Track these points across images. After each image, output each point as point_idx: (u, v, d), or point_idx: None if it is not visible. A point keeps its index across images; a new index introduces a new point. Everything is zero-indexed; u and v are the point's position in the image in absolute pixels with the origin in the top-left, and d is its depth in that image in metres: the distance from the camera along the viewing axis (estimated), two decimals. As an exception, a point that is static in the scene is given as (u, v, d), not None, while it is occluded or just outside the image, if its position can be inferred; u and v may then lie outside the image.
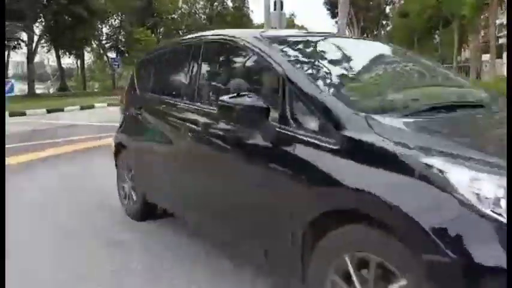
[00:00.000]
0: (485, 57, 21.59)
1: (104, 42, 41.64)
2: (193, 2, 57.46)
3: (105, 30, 41.96)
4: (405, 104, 2.05)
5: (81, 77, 42.89)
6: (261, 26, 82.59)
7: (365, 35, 52.14)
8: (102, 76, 52.62)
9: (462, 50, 33.48)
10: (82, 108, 17.52)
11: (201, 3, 59.03)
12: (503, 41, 41.41)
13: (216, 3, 58.18)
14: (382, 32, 56.88)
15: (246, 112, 2.07)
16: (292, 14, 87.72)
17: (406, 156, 1.53)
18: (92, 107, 18.04)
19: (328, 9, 40.40)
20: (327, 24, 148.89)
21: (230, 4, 60.92)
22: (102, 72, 52.04)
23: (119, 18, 41.79)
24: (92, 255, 3.04)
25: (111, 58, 35.34)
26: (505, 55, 29.60)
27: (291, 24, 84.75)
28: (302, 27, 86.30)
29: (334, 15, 38.81)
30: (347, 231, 1.69)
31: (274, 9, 16.68)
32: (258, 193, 2.16)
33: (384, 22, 53.42)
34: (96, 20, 33.79)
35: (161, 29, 48.95)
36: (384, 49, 3.23)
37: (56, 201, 4.34)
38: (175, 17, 53.17)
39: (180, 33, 53.82)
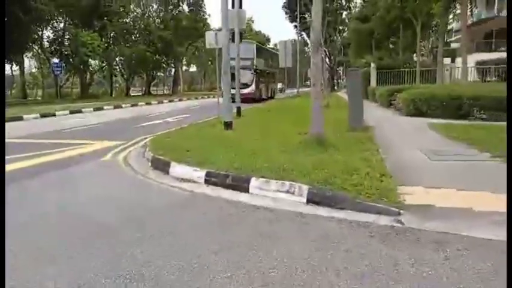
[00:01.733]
0: (445, 60, 21.29)
1: (46, 46, 38.46)
2: (146, 5, 55.04)
3: (47, 33, 38.84)
4: None
5: (21, 84, 39.37)
6: (219, 30, 79.48)
7: (324, 40, 51.99)
8: (47, 83, 48.84)
9: (421, 53, 33.64)
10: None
11: (155, 6, 56.86)
12: (454, 45, 42.49)
13: (171, 7, 56.26)
14: (339, 38, 57.17)
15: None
16: (250, 19, 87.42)
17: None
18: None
19: (286, 13, 39.67)
20: (286, 28, 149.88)
21: (186, 8, 59.16)
22: (46, 79, 48.31)
23: (63, 20, 38.81)
24: None
25: (53, 63, 32.40)
26: (459, 59, 29.72)
27: (248, 29, 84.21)
28: (259, 33, 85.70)
29: (293, 19, 38.07)
30: None
31: (232, 7, 15.37)
32: None
33: (341, 27, 53.58)
34: (35, 21, 30.91)
35: (111, 33, 46.20)
36: None
37: None
38: (127, 20, 50.63)
39: (133, 38, 51.60)
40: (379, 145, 7.39)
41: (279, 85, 56.64)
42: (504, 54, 28.24)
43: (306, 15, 32.14)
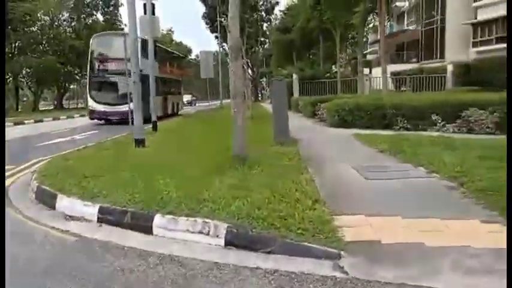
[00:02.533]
0: (364, 71, 21.85)
1: None
2: (56, 14, 50.87)
3: None
4: None
5: None
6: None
7: (245, 51, 52.04)
8: None
9: (340, 64, 34.76)
10: None
11: (66, 15, 52.81)
12: (370, 57, 44.86)
13: (83, 15, 52.64)
14: (261, 49, 57.77)
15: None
16: (170, 30, 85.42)
17: None
18: None
19: (207, 23, 38.87)
20: (209, 39, 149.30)
21: (100, 17, 55.79)
22: None
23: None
24: None
25: None
26: (375, 70, 31.13)
27: (169, 41, 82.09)
28: (180, 44, 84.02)
29: (214, 29, 37.38)
30: None
31: (145, 13, 14.09)
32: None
33: (262, 39, 54.14)
34: None
35: (16, 43, 41.92)
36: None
37: None
38: (34, 29, 46.32)
39: (41, 48, 47.23)
40: (308, 162, 6.67)
41: (187, 97, 50.61)
42: (415, 65, 30.11)
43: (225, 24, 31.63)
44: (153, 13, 13.72)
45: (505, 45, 25.60)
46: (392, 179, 5.23)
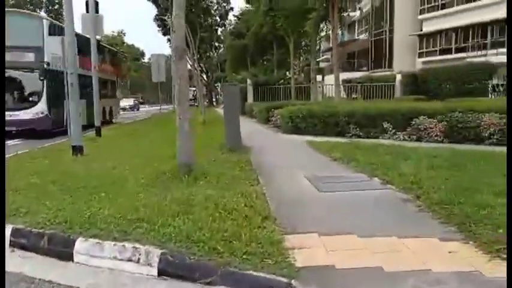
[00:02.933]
0: (317, 78, 22.00)
1: None
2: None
3: None
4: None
5: None
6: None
7: (199, 56, 51.29)
8: None
9: (294, 71, 34.96)
10: None
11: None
12: (323, 65, 45.71)
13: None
14: (215, 54, 57.23)
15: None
16: (121, 32, 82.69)
17: None
18: None
19: (159, 26, 37.73)
20: (160, 41, 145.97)
21: (44, 15, 52.78)
22: None
23: None
24: None
25: None
26: (327, 77, 31.62)
27: (120, 43, 79.37)
28: (132, 46, 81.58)
29: (166, 32, 36.34)
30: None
31: (87, 11, 13.21)
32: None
33: (217, 44, 53.65)
34: None
35: None
36: None
37: None
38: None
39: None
40: (260, 171, 6.29)
41: (129, 101, 46.94)
42: (365, 74, 30.90)
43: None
44: (97, 11, 12.89)
45: (447, 56, 26.89)
46: (347, 190, 4.94)
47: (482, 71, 17.33)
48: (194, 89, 32.47)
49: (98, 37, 13.80)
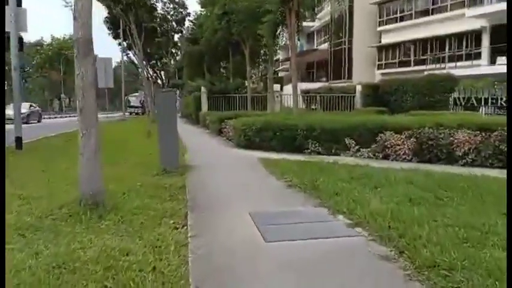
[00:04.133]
0: (276, 87, 20.86)
1: None
2: None
3: None
4: None
5: None
6: (34, 45, 68.55)
7: (153, 62, 49.18)
8: None
9: (252, 80, 33.78)
10: None
11: None
12: (282, 74, 44.98)
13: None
14: (172, 61, 55.23)
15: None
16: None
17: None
18: None
19: (109, 29, 35.40)
20: (111, 44, 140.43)
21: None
22: None
23: None
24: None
25: None
26: (286, 87, 30.74)
27: (70, 47, 75.44)
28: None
29: (117, 35, 34.15)
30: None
31: (7, 3, 11.30)
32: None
33: (174, 50, 51.75)
34: None
35: None
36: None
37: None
38: None
39: None
40: (194, 203, 4.85)
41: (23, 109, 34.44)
42: (325, 84, 30.27)
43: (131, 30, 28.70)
44: (19, 4, 11.03)
45: (406, 68, 26.73)
46: (302, 239, 3.59)
47: (444, 84, 16.83)
48: (138, 94, 29.89)
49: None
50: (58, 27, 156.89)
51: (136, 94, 59.39)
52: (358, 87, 21.19)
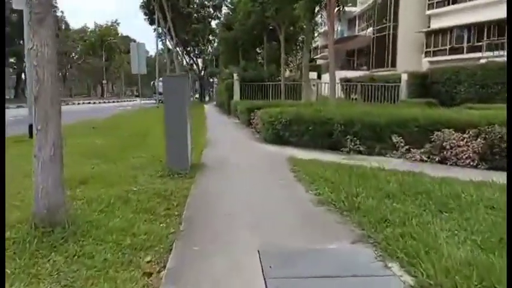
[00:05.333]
0: (312, 75, 19.29)
1: None
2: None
3: None
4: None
5: None
6: (79, 32, 70.47)
7: (189, 49, 48.46)
8: None
9: (289, 69, 32.25)
10: None
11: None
12: (320, 62, 42.97)
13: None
14: (209, 48, 54.29)
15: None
16: (115, 22, 79.52)
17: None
18: None
19: (145, 14, 34.85)
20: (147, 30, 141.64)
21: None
22: None
23: None
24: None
25: None
26: (324, 76, 28.98)
27: (114, 33, 76.35)
28: (126, 38, 78.47)
29: (152, 21, 33.52)
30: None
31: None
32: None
33: (211, 37, 50.73)
34: None
35: None
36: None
37: None
38: None
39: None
40: (187, 227, 3.61)
41: None
42: (366, 73, 28.25)
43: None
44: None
45: (457, 56, 24.25)
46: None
47: (505, 73, 14.66)
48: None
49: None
50: (101, 14, 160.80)
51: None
52: (404, 76, 19.20)
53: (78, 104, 41.36)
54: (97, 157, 7.03)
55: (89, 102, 45.03)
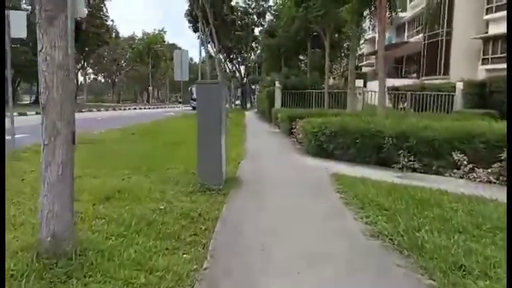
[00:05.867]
0: (358, 83, 18.33)
1: None
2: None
3: None
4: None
5: None
6: (128, 40, 72.48)
7: (232, 56, 48.55)
8: None
9: (332, 76, 31.29)
10: None
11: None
12: (366, 70, 41.57)
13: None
14: (252, 55, 54.21)
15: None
16: (162, 30, 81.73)
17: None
18: None
19: (189, 22, 35.20)
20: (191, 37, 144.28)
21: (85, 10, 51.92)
22: None
23: None
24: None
25: None
26: (370, 84, 27.79)
27: (160, 40, 78.41)
28: (173, 46, 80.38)
29: (196, 28, 33.70)
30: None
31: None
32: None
33: (254, 45, 50.63)
34: None
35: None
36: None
37: None
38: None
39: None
40: (211, 265, 3.05)
41: None
42: (415, 81, 26.80)
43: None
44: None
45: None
46: None
47: None
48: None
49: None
50: (149, 22, 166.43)
51: None
52: (459, 85, 17.83)
53: (124, 109, 42.51)
54: (130, 167, 6.67)
55: (135, 108, 46.28)
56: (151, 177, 5.94)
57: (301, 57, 30.06)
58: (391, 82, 23.04)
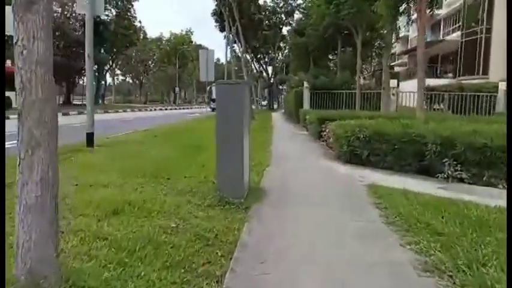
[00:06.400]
0: (391, 83, 17.36)
1: None
2: (62, 4, 47.78)
3: None
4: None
5: None
6: (155, 41, 73.32)
7: (259, 56, 48.04)
8: None
9: (363, 76, 30.25)
10: None
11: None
12: (398, 69, 40.11)
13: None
14: (279, 54, 53.57)
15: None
16: (189, 31, 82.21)
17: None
18: None
19: (216, 21, 34.88)
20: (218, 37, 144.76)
21: (113, 11, 52.79)
22: None
23: None
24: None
25: None
26: (403, 84, 26.57)
27: (187, 41, 78.83)
28: (200, 46, 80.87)
29: (222, 28, 33.31)
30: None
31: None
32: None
33: (281, 44, 49.97)
34: None
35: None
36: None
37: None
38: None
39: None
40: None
41: None
42: (451, 81, 25.44)
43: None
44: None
45: None
46: None
47: None
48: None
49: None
50: (177, 23, 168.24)
51: None
52: (502, 85, 16.57)
53: (151, 110, 42.75)
54: (146, 173, 6.18)
55: (161, 109, 46.48)
56: (167, 187, 5.42)
57: (330, 56, 29.18)
58: (427, 82, 21.85)
